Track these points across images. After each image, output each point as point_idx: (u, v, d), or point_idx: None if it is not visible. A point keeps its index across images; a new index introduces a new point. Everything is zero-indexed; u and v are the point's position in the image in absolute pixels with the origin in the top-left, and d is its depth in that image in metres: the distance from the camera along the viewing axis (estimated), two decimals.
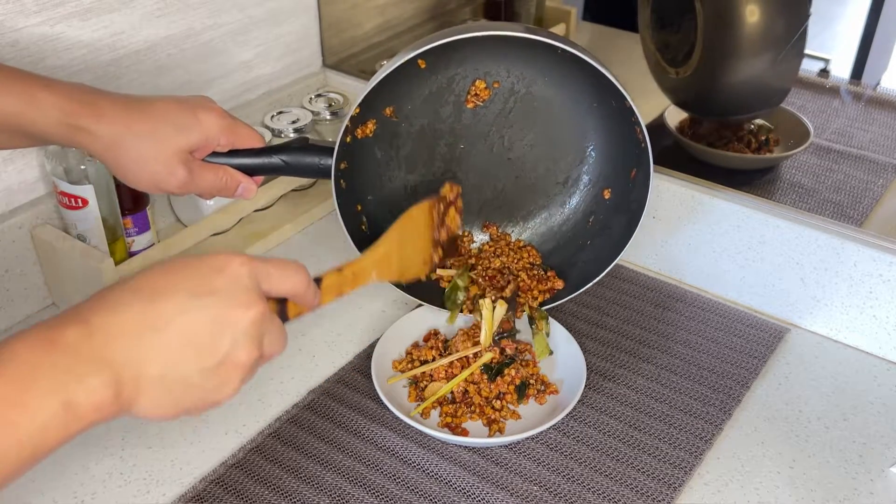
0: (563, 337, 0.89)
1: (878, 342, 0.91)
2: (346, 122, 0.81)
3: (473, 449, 0.80)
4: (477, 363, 0.84)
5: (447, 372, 0.85)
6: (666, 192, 0.99)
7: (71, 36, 0.92)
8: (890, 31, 1.06)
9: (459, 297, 0.89)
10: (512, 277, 0.90)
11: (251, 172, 0.80)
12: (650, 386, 0.87)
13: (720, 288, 1.00)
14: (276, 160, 0.80)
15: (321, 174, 0.82)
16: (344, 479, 0.77)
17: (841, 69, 1.13)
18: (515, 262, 0.92)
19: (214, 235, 1.06)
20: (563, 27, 1.33)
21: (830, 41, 1.09)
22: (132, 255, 0.97)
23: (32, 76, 0.71)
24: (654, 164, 1.00)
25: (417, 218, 0.80)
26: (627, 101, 0.78)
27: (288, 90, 1.20)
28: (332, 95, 1.18)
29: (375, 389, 0.82)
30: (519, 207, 0.94)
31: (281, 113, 1.13)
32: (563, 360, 0.88)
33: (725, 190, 0.97)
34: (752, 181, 1.05)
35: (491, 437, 0.80)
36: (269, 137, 1.08)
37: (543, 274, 0.91)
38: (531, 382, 0.85)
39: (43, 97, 0.69)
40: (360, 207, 0.89)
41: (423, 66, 0.82)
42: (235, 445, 0.81)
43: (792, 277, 0.94)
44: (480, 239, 0.96)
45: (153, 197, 1.03)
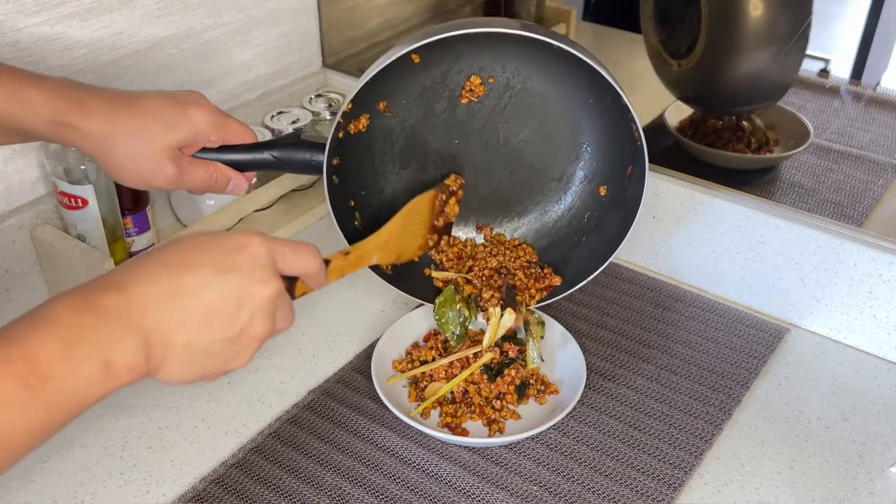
0: (562, 337, 0.89)
1: (878, 342, 0.91)
2: (338, 117, 0.81)
3: (473, 449, 0.80)
4: (477, 363, 0.84)
5: (447, 372, 0.85)
6: (666, 192, 0.99)
7: (71, 36, 0.92)
8: (890, 31, 1.06)
9: (455, 327, 0.87)
10: (508, 276, 0.90)
11: (242, 168, 0.79)
12: (650, 386, 0.87)
13: (720, 288, 1.00)
14: (266, 156, 0.79)
15: (313, 170, 0.81)
16: (344, 479, 0.77)
17: (841, 69, 1.12)
18: (512, 260, 0.92)
19: None
20: (563, 27, 1.33)
21: (830, 41, 1.09)
22: (132, 255, 0.97)
23: (21, 73, 0.70)
24: (653, 163, 1.00)
25: (421, 206, 0.85)
26: (623, 98, 0.77)
27: (288, 90, 1.20)
28: (332, 95, 1.18)
29: (375, 389, 0.82)
30: (514, 203, 0.94)
31: (281, 113, 1.13)
32: (563, 360, 0.88)
33: (725, 190, 0.97)
34: (752, 181, 1.05)
35: (491, 437, 0.80)
36: (269, 138, 1.07)
37: (540, 272, 0.91)
38: (531, 382, 0.85)
39: (31, 94, 0.69)
40: (352, 203, 0.89)
41: (416, 60, 0.82)
42: (235, 445, 0.81)
43: (792, 277, 0.94)
44: (469, 235, 0.96)
45: (153, 197, 1.03)
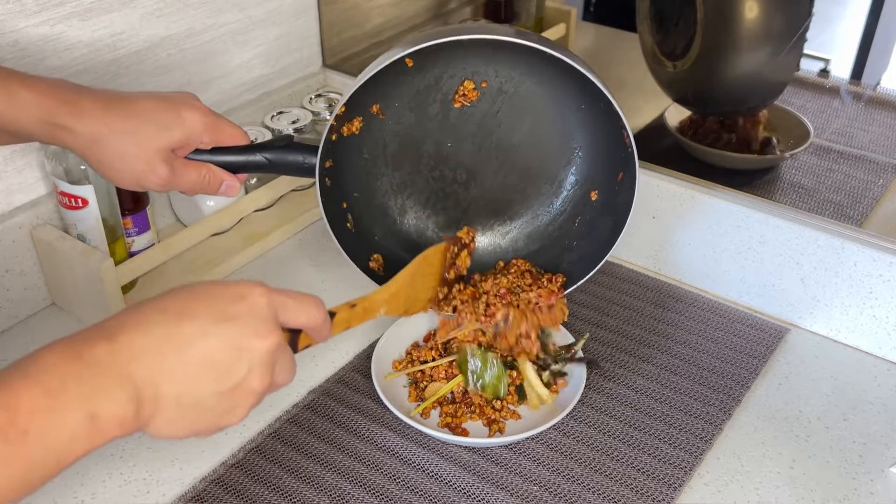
0: (562, 337, 0.89)
1: (878, 342, 0.91)
2: (331, 120, 0.81)
3: (473, 449, 0.80)
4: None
5: (447, 372, 0.85)
6: (666, 192, 0.99)
7: (71, 36, 0.92)
8: (890, 31, 1.06)
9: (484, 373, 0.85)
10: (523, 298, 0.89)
11: (235, 170, 0.79)
12: (650, 386, 0.87)
13: (720, 288, 1.00)
14: (259, 158, 0.79)
15: (305, 173, 0.81)
16: (344, 479, 0.77)
17: (841, 69, 1.12)
18: (518, 277, 0.91)
19: (214, 235, 1.06)
20: (563, 27, 1.33)
21: (830, 41, 1.09)
22: (132, 255, 0.97)
23: (13, 73, 0.70)
24: (653, 163, 1.00)
25: (432, 259, 0.83)
26: (614, 105, 0.77)
27: (288, 90, 1.20)
28: (332, 95, 1.18)
29: (375, 389, 0.82)
30: (505, 206, 0.94)
31: (281, 113, 1.13)
32: None
33: (725, 190, 0.97)
34: (752, 181, 1.05)
35: (491, 437, 0.80)
36: (270, 138, 1.08)
37: (541, 278, 0.91)
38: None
39: (23, 95, 0.69)
40: (345, 205, 0.89)
41: (410, 64, 0.82)
42: (235, 445, 0.81)
43: (792, 277, 0.94)
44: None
45: (153, 197, 1.03)
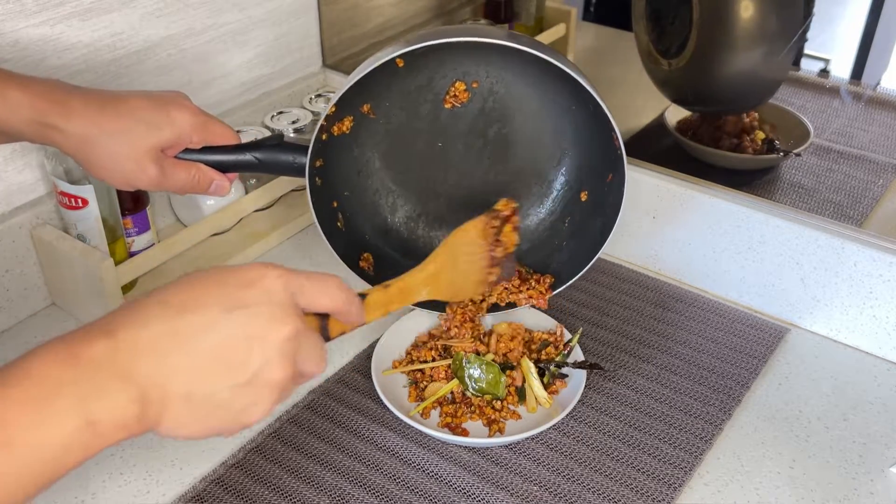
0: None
1: (878, 342, 0.91)
2: (321, 120, 0.81)
3: (473, 449, 0.80)
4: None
5: (447, 372, 0.85)
6: (666, 192, 0.99)
7: (71, 36, 0.92)
8: (890, 31, 1.06)
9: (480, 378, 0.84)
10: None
11: (225, 169, 0.79)
12: (650, 386, 0.87)
13: (720, 288, 1.00)
14: (249, 157, 0.79)
15: (296, 172, 0.81)
16: (344, 479, 0.77)
17: (841, 69, 1.13)
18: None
19: (214, 235, 1.06)
20: (563, 27, 1.33)
21: (830, 41, 1.09)
22: (132, 255, 0.97)
23: (4, 73, 0.70)
24: (653, 163, 1.00)
25: (471, 234, 0.77)
26: (603, 108, 0.77)
27: (288, 90, 1.20)
28: (332, 95, 1.18)
29: (375, 389, 0.82)
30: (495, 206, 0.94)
31: (281, 113, 1.13)
32: None
33: (725, 190, 0.97)
34: (752, 181, 1.05)
35: (491, 437, 0.80)
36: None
37: (530, 279, 0.91)
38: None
39: (14, 95, 0.69)
40: (336, 204, 0.89)
41: (401, 65, 0.82)
42: (235, 445, 0.81)
43: (792, 277, 0.94)
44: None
45: (153, 197, 1.03)
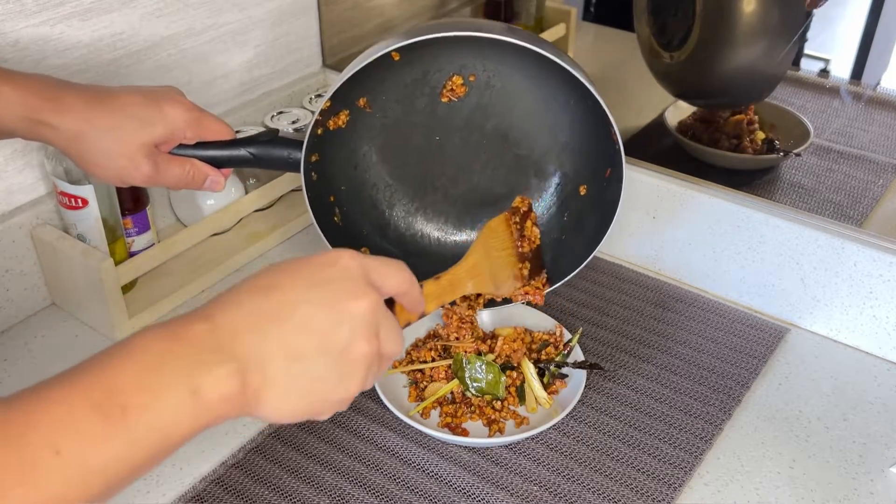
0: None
1: (878, 342, 0.91)
2: (315, 115, 0.81)
3: (473, 449, 0.80)
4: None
5: (447, 372, 0.85)
6: (666, 192, 0.99)
7: (71, 36, 0.92)
8: (890, 31, 1.06)
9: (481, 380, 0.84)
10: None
11: (219, 165, 0.79)
12: (650, 386, 0.87)
13: (720, 288, 1.00)
14: (243, 153, 0.78)
15: (291, 167, 0.81)
16: (344, 479, 0.77)
17: (841, 69, 1.12)
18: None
19: (214, 235, 1.06)
20: (563, 27, 1.33)
21: (830, 41, 1.09)
22: (132, 255, 0.97)
23: None
24: (653, 163, 1.00)
25: (497, 229, 0.82)
26: (600, 103, 0.77)
27: (288, 90, 1.20)
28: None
29: (375, 389, 0.82)
30: (495, 200, 0.94)
31: (281, 113, 1.13)
32: None
33: (725, 190, 0.97)
34: (752, 181, 1.05)
35: (491, 437, 0.80)
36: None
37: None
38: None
39: (5, 92, 0.68)
40: (332, 198, 0.89)
41: (396, 58, 0.81)
42: (235, 445, 0.81)
43: (792, 277, 0.94)
44: (448, 235, 0.96)
45: (153, 197, 1.03)
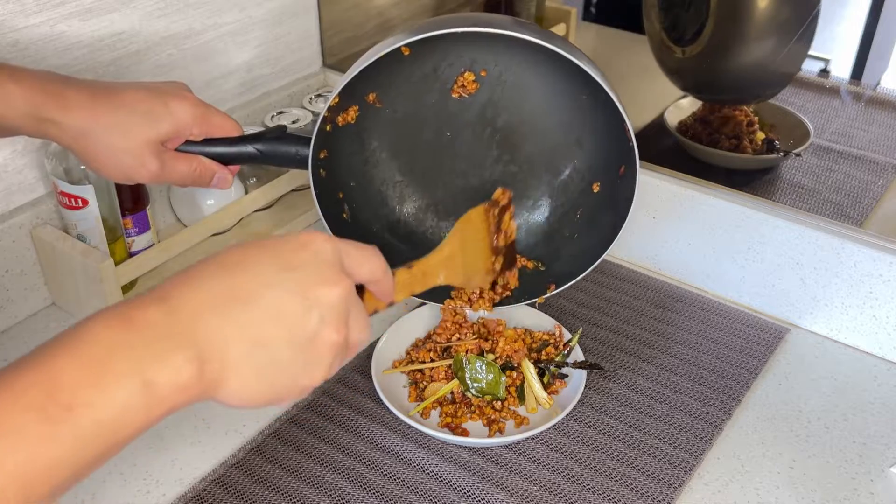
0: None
1: (878, 342, 0.91)
2: (323, 111, 0.80)
3: (473, 449, 0.80)
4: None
5: (447, 372, 0.85)
6: (666, 192, 0.99)
7: (71, 36, 0.92)
8: (890, 31, 1.06)
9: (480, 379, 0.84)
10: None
11: (226, 162, 0.78)
12: (650, 386, 0.87)
13: (720, 288, 1.00)
14: (250, 149, 0.78)
15: (299, 164, 0.80)
16: (344, 479, 0.77)
17: (841, 69, 1.12)
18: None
19: (214, 235, 1.06)
20: (563, 27, 1.33)
21: (830, 41, 1.09)
22: (132, 255, 0.97)
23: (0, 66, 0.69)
24: (653, 163, 1.00)
25: (475, 221, 0.80)
26: (613, 98, 0.76)
27: (288, 90, 1.20)
28: (331, 93, 1.18)
29: (375, 389, 0.82)
30: None
31: (281, 113, 1.13)
32: None
33: (725, 190, 0.97)
34: (752, 181, 1.05)
35: (491, 437, 0.81)
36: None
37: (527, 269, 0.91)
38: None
39: (10, 89, 0.68)
40: (341, 195, 0.88)
41: (406, 53, 0.80)
42: (235, 445, 0.81)
43: (792, 277, 0.94)
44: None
45: (153, 197, 1.03)
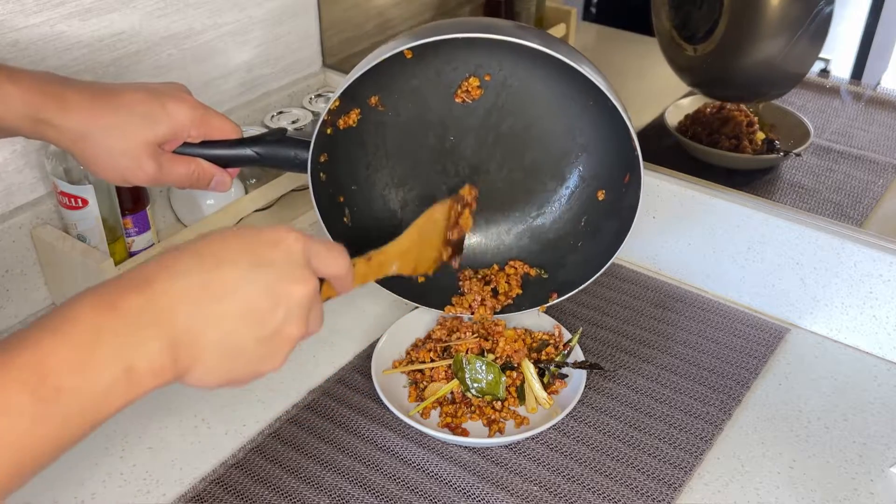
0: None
1: (878, 342, 0.91)
2: (323, 115, 0.80)
3: (473, 449, 0.80)
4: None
5: (447, 372, 0.85)
6: (666, 192, 0.99)
7: (71, 36, 0.92)
8: (890, 31, 1.06)
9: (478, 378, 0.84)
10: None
11: (225, 164, 0.77)
12: (650, 386, 0.87)
13: (720, 288, 1.00)
14: (249, 152, 0.77)
15: (298, 168, 0.80)
16: (344, 479, 0.77)
17: (841, 69, 1.12)
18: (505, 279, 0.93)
19: None
20: (563, 27, 1.33)
21: (830, 41, 1.09)
22: (132, 255, 0.97)
23: None
24: (654, 163, 1.00)
25: (437, 215, 0.82)
26: (618, 108, 0.76)
27: (288, 90, 1.20)
28: (332, 95, 1.18)
29: (375, 389, 0.82)
30: (510, 202, 0.93)
31: (281, 113, 1.13)
32: None
33: (725, 190, 0.97)
34: (752, 181, 1.05)
35: (491, 437, 0.80)
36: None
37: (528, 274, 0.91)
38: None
39: (8, 90, 0.67)
40: (342, 199, 0.88)
41: (409, 56, 0.79)
42: (235, 445, 0.81)
43: (792, 277, 0.94)
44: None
45: (153, 197, 1.03)
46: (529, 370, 0.84)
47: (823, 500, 0.76)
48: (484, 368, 0.83)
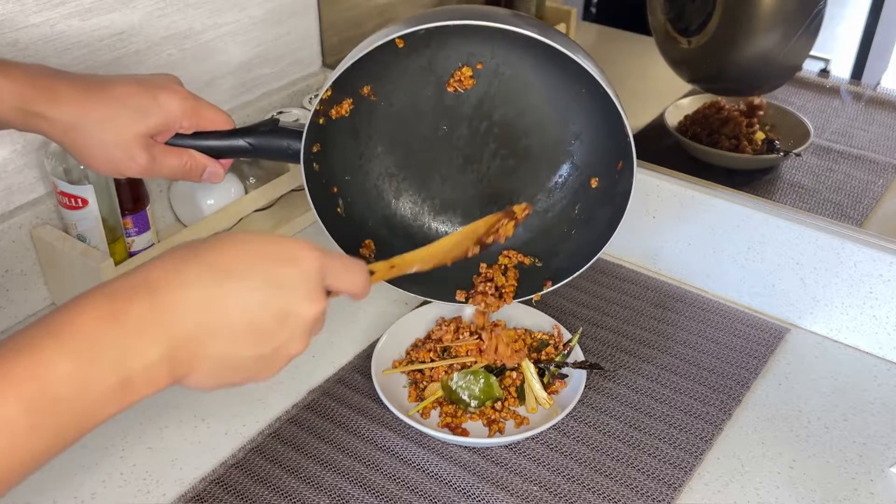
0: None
1: (878, 342, 0.91)
2: (315, 105, 0.79)
3: (473, 449, 0.80)
4: (478, 364, 0.84)
5: (447, 373, 0.85)
6: (666, 192, 0.99)
7: (71, 36, 0.92)
8: (890, 31, 1.06)
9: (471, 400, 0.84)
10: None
11: (217, 155, 0.77)
12: (650, 386, 0.87)
13: (720, 288, 1.00)
14: (242, 143, 0.77)
15: (290, 158, 0.79)
16: (344, 479, 0.77)
17: (841, 69, 1.12)
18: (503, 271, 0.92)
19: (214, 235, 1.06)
20: (563, 27, 1.33)
21: (830, 41, 1.09)
22: (132, 255, 0.97)
23: None
24: (653, 163, 1.00)
25: (480, 226, 0.83)
26: (610, 94, 0.75)
27: (288, 90, 1.20)
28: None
29: (375, 389, 0.82)
30: (504, 191, 0.93)
31: (281, 113, 1.13)
32: None
33: (725, 190, 0.97)
34: (752, 181, 1.05)
35: (491, 437, 0.80)
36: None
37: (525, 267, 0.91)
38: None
39: None
40: (336, 189, 0.88)
41: (400, 45, 0.79)
42: (235, 445, 0.81)
43: (792, 277, 0.94)
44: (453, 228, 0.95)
45: (153, 197, 1.03)
46: (529, 370, 0.84)
47: (823, 500, 0.76)
48: (471, 379, 0.82)
